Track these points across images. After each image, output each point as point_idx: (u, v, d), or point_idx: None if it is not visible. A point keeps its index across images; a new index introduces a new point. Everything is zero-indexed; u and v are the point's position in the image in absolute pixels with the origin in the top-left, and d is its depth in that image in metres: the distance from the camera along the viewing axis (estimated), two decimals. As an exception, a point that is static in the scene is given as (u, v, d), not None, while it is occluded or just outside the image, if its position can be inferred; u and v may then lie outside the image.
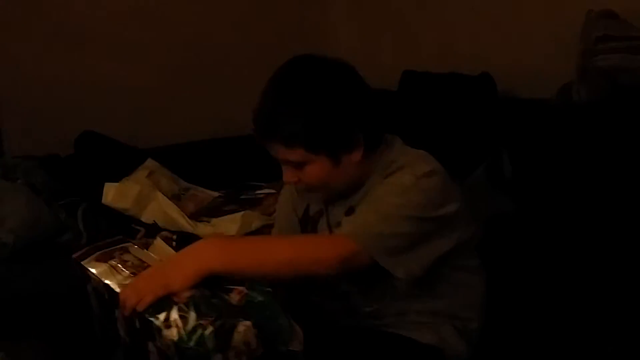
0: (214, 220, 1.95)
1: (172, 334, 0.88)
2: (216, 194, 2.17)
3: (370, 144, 1.16)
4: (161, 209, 1.92)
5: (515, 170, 1.76)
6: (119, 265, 1.04)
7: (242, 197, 2.14)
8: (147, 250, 1.09)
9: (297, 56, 1.18)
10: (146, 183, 1.97)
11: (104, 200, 1.91)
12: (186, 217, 1.92)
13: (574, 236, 1.58)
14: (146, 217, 1.93)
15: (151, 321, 0.91)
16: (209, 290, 0.95)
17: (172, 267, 0.99)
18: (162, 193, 1.97)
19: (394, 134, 1.25)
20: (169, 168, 2.16)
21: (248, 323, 0.89)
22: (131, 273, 1.01)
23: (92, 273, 1.03)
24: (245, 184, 2.26)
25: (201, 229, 1.90)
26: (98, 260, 1.06)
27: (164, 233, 1.69)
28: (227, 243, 1.07)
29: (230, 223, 1.89)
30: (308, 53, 1.19)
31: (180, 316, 0.90)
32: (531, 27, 1.98)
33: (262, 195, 2.14)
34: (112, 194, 1.91)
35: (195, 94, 2.46)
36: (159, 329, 0.90)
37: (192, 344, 0.86)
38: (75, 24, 2.24)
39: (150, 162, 2.12)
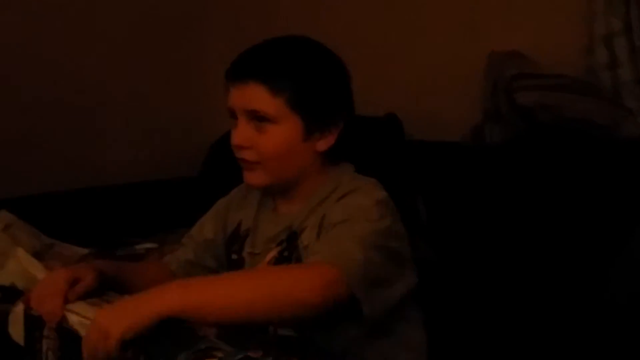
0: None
1: None
2: (85, 250, 1.89)
3: (338, 143, 1.08)
4: (22, 268, 1.60)
5: (430, 214, 1.67)
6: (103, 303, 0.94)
7: (119, 253, 1.88)
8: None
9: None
10: (3, 238, 1.66)
11: (-53, 259, 1.56)
12: (53, 277, 1.61)
13: (494, 280, 1.53)
14: (2, 279, 1.60)
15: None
16: None
17: (130, 306, 0.85)
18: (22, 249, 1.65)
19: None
20: (25, 221, 1.85)
21: None
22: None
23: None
24: (118, 240, 2.01)
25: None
26: None
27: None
28: (188, 282, 0.91)
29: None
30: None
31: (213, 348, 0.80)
32: (432, 69, 1.94)
33: (142, 251, 1.91)
34: (-40, 251, 1.57)
35: (57, 139, 2.17)
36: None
37: None
38: None
39: (4, 214, 1.81)
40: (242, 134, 1.05)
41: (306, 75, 1.05)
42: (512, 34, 1.76)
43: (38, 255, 1.76)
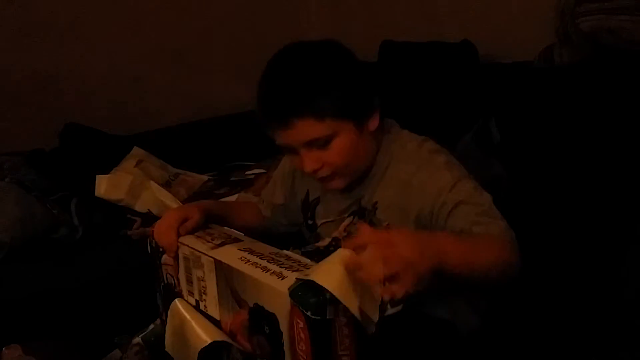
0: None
1: None
2: (205, 177, 2.17)
3: (382, 110, 1.15)
4: (155, 197, 1.93)
5: (503, 134, 1.78)
6: (207, 236, 1.11)
7: (233, 178, 2.14)
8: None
9: (288, 45, 1.16)
10: (137, 172, 1.97)
11: (97, 193, 1.90)
12: (180, 203, 1.92)
13: (563, 200, 1.59)
14: (140, 207, 1.93)
15: None
16: None
17: (426, 250, 0.88)
18: (154, 181, 1.97)
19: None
20: (153, 154, 2.15)
21: None
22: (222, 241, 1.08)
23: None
24: (233, 165, 2.26)
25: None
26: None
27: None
28: (455, 239, 0.98)
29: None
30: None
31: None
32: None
33: (252, 176, 2.13)
34: (105, 186, 1.90)
35: (173, 78, 2.45)
36: None
37: None
38: (49, 14, 2.20)
39: (137, 150, 2.12)
40: (310, 161, 1.10)
41: (336, 85, 1.09)
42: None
43: (167, 184, 2.06)
